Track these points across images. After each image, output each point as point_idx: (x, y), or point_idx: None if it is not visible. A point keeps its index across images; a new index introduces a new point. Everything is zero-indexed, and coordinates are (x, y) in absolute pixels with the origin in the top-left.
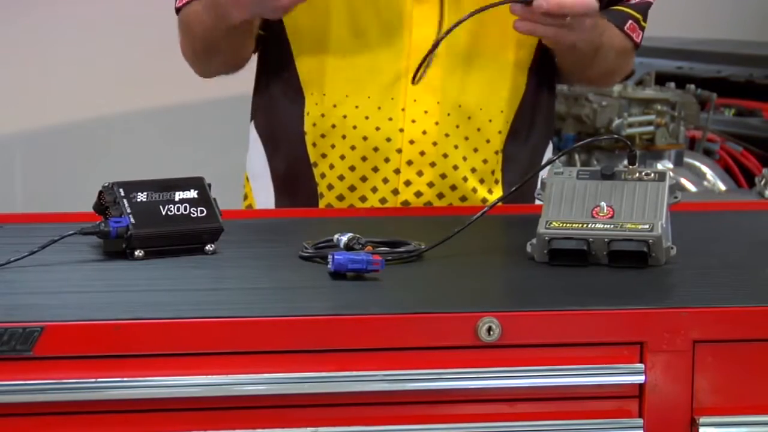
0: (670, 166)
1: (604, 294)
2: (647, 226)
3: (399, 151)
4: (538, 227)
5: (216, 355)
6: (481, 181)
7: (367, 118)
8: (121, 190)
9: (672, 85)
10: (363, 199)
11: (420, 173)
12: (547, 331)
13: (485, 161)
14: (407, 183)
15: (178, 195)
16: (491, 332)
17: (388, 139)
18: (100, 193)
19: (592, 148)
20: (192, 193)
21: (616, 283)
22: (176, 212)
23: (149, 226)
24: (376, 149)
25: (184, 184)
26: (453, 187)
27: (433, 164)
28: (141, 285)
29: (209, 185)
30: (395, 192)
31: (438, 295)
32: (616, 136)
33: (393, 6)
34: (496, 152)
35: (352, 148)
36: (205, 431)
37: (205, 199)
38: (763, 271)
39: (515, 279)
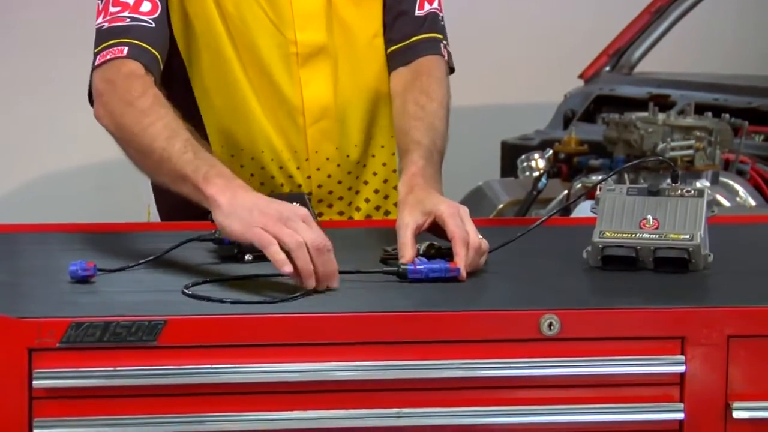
0: (708, 184)
1: (650, 295)
2: (688, 236)
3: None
4: (593, 236)
5: (314, 346)
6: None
7: (281, 167)
8: None
9: (709, 114)
10: None
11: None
12: (601, 327)
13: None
14: (319, 215)
15: None
16: (552, 327)
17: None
18: None
19: (639, 168)
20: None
21: (661, 286)
22: None
23: None
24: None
25: (288, 198)
26: (357, 209)
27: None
28: (250, 286)
29: (309, 198)
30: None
31: (505, 294)
32: (660, 158)
33: (283, 71)
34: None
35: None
36: (303, 411)
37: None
38: None
39: (572, 281)
